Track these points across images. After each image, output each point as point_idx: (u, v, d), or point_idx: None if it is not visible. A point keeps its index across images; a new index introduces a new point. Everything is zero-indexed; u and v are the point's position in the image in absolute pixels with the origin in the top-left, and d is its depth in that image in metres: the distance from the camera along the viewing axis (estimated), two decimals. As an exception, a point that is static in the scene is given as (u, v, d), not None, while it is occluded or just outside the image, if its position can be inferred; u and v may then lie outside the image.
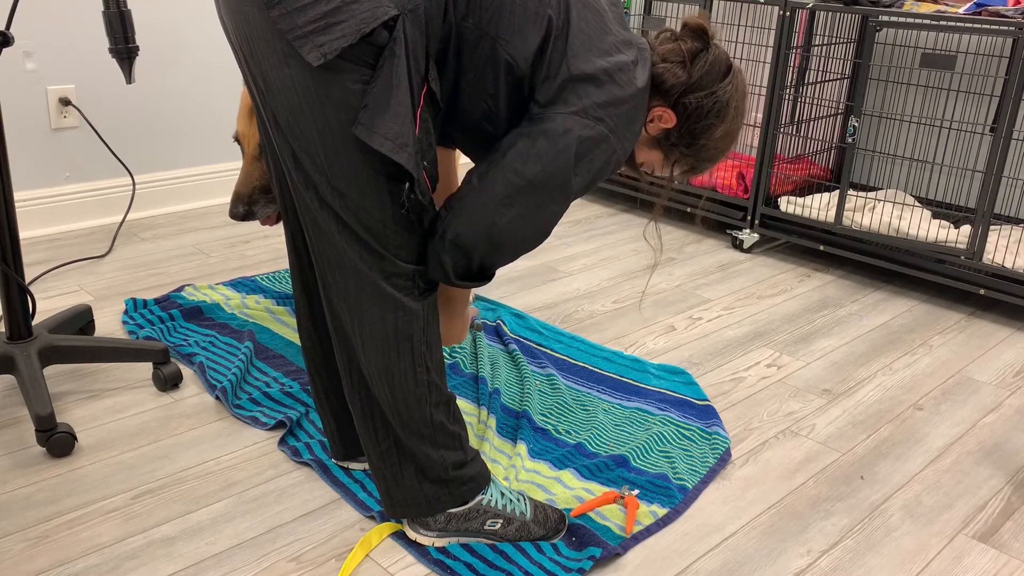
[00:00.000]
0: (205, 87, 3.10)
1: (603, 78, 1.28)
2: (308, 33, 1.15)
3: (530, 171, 1.27)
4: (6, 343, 1.80)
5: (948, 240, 2.60)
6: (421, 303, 1.35)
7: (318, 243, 1.31)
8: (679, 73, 1.36)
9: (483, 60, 1.26)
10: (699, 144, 1.41)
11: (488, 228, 1.29)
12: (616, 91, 1.28)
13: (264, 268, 2.64)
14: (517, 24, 1.24)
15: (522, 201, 1.29)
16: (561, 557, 1.46)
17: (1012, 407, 2.06)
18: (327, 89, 1.19)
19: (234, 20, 1.23)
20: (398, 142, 1.18)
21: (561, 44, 1.26)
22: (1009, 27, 2.37)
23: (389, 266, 1.30)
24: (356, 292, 1.31)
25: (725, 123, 1.40)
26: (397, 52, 1.17)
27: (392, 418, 1.38)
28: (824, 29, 3.02)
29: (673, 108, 1.38)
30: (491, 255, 1.32)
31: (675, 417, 1.91)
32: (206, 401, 1.92)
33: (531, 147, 1.27)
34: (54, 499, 1.58)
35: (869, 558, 1.53)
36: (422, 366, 1.36)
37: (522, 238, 1.32)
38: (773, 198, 2.98)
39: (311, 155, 1.24)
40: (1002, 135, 2.41)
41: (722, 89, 1.37)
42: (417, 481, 1.42)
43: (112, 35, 1.90)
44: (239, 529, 1.53)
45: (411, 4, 1.18)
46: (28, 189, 2.78)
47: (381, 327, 1.33)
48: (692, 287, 2.68)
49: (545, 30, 1.26)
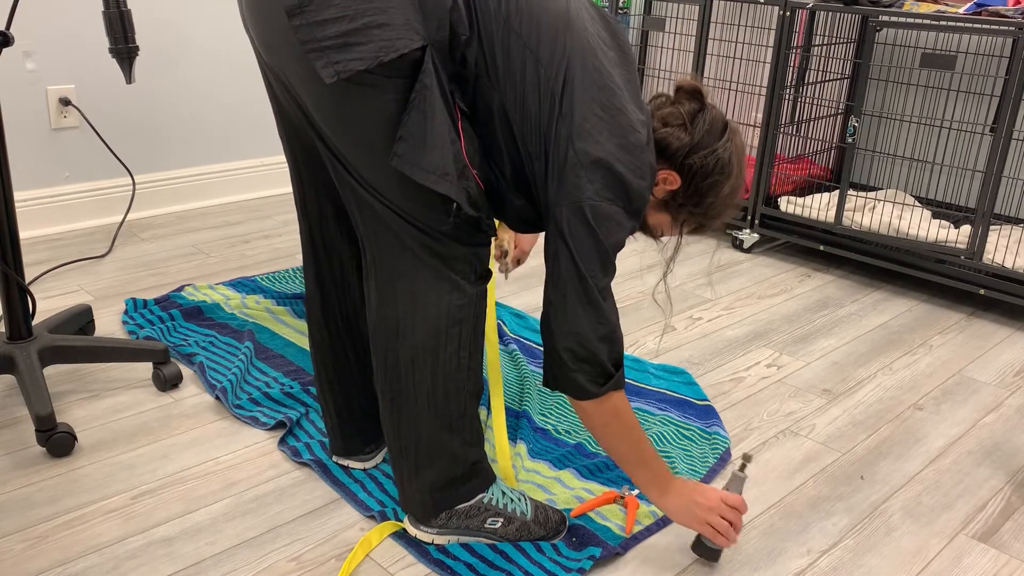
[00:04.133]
0: (205, 87, 3.10)
1: (613, 162, 1.27)
2: (325, 48, 1.15)
3: (584, 269, 1.28)
4: (6, 343, 1.80)
5: (948, 240, 2.60)
6: (476, 288, 1.36)
7: (374, 228, 1.32)
8: (681, 136, 1.37)
9: (494, 119, 1.28)
10: (706, 203, 1.42)
11: (586, 330, 1.31)
12: (628, 176, 1.28)
13: (264, 268, 2.64)
14: (526, 94, 1.25)
15: (586, 291, 1.30)
16: (561, 557, 1.46)
17: (1012, 407, 2.06)
18: (356, 105, 1.21)
19: (261, 32, 1.25)
20: (439, 173, 1.21)
21: (566, 125, 1.25)
22: (1009, 27, 2.37)
23: (445, 250, 1.32)
24: (412, 273, 1.32)
25: (731, 179, 1.40)
26: (428, 83, 1.19)
27: (426, 407, 1.38)
28: (824, 29, 3.02)
29: (678, 170, 1.39)
30: (611, 345, 1.33)
31: (675, 417, 1.91)
32: (206, 401, 1.92)
33: (568, 248, 1.28)
34: (54, 499, 1.58)
35: (869, 558, 1.53)
36: (466, 351, 1.37)
37: (605, 304, 1.32)
38: (773, 198, 2.98)
39: (356, 164, 1.27)
40: (1002, 135, 2.41)
41: (723, 147, 1.38)
42: (430, 483, 1.43)
43: (112, 35, 1.90)
44: (239, 529, 1.53)
45: (438, 36, 1.19)
46: (28, 189, 2.78)
47: (435, 309, 1.33)
48: (692, 287, 2.68)
49: (548, 104, 1.26)
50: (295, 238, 2.91)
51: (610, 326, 1.32)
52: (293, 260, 2.72)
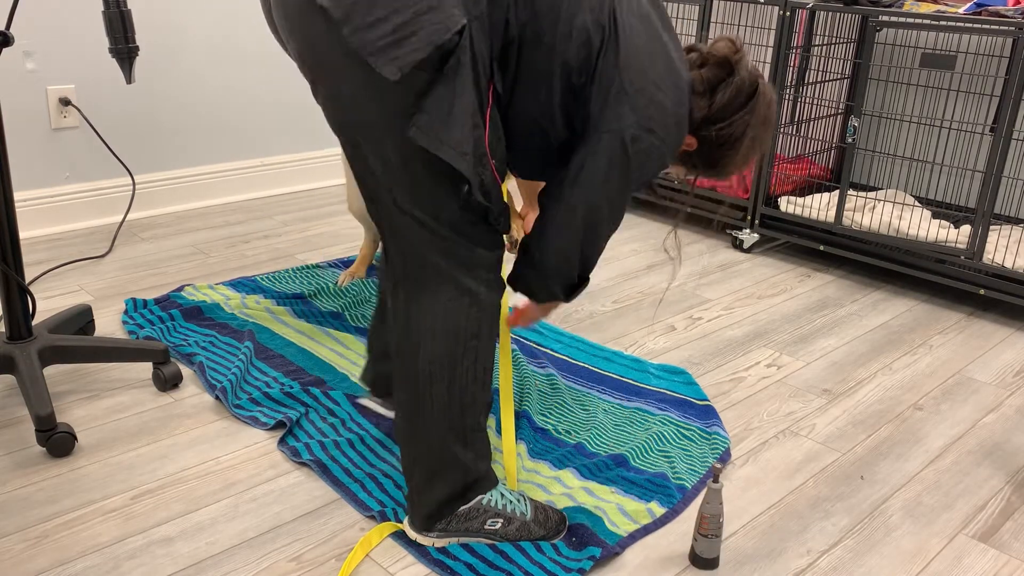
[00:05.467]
0: (205, 87, 3.11)
1: (655, 91, 1.31)
2: (382, 48, 1.16)
3: (598, 193, 1.35)
4: (6, 343, 1.80)
5: (948, 240, 2.60)
6: (491, 298, 1.38)
7: (398, 244, 1.34)
8: (700, 104, 1.40)
9: (541, 66, 1.29)
10: (718, 167, 1.48)
11: (577, 246, 1.40)
12: (669, 105, 1.33)
13: (264, 268, 2.64)
14: (570, 33, 1.27)
15: (597, 216, 1.38)
16: (561, 557, 1.46)
17: (1012, 407, 2.06)
18: (398, 99, 1.21)
19: (302, 47, 1.25)
20: (459, 149, 1.22)
21: (612, 56, 1.29)
22: (1009, 27, 2.37)
23: (468, 256, 1.34)
24: (435, 287, 1.34)
25: (741, 151, 1.44)
26: (463, 60, 1.20)
27: (441, 419, 1.39)
28: (824, 29, 3.02)
29: (694, 134, 1.43)
30: (585, 264, 1.44)
31: (675, 417, 1.91)
32: (206, 401, 1.92)
33: (596, 167, 1.34)
34: (54, 499, 1.58)
35: (869, 558, 1.53)
36: (482, 364, 1.39)
37: (604, 236, 1.43)
38: (773, 198, 2.98)
39: (383, 159, 1.27)
40: (1002, 135, 2.41)
41: (740, 120, 1.41)
42: (441, 497, 1.44)
43: (112, 35, 1.90)
44: (239, 529, 1.53)
45: (477, 11, 1.20)
46: (28, 189, 2.78)
47: (455, 323, 1.35)
48: (692, 287, 2.68)
49: (599, 40, 1.29)
50: (295, 238, 2.91)
51: (598, 250, 1.44)
52: (293, 260, 2.72)
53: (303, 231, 2.99)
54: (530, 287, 1.47)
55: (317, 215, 3.16)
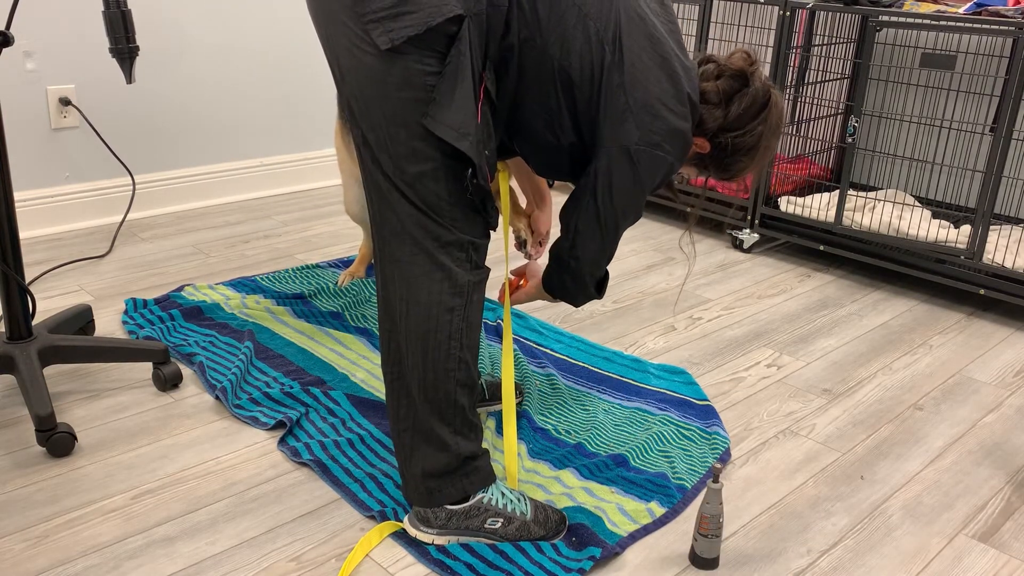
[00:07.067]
0: (205, 87, 3.11)
1: (660, 108, 1.39)
2: (380, 19, 1.26)
3: (613, 202, 1.47)
4: (6, 343, 1.80)
5: (948, 240, 2.60)
6: (469, 278, 1.41)
7: (381, 213, 1.39)
8: (715, 113, 1.48)
9: (545, 75, 1.37)
10: (730, 171, 1.56)
11: (602, 248, 1.54)
12: (674, 120, 1.42)
13: (264, 268, 2.64)
14: (574, 48, 1.35)
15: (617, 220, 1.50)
16: (561, 557, 1.46)
17: (1012, 407, 2.06)
18: (390, 68, 1.28)
19: (316, 9, 1.34)
20: (461, 131, 1.30)
21: (616, 75, 1.36)
22: (1009, 27, 2.37)
23: (445, 234, 1.37)
24: (410, 258, 1.38)
25: (755, 159, 1.53)
26: (463, 50, 1.28)
27: (417, 392, 1.42)
28: (824, 29, 3.02)
29: (709, 140, 1.51)
30: (609, 259, 1.60)
31: (675, 417, 1.91)
32: (206, 401, 1.92)
33: (608, 179, 1.44)
34: (54, 499, 1.58)
35: (869, 558, 1.53)
36: (457, 341, 1.42)
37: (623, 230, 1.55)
38: (773, 198, 2.98)
39: (376, 133, 1.33)
40: (1002, 135, 2.41)
41: (753, 129, 1.49)
42: (423, 468, 1.44)
43: (112, 35, 1.90)
44: (239, 529, 1.53)
45: (475, 8, 1.28)
46: (28, 189, 2.78)
47: (427, 295, 1.39)
48: (692, 287, 2.68)
49: (603, 59, 1.36)
50: (295, 238, 2.91)
51: (612, 253, 1.58)
52: (293, 260, 2.72)
53: (303, 231, 2.99)
54: (568, 293, 1.64)
55: (317, 215, 3.16)
